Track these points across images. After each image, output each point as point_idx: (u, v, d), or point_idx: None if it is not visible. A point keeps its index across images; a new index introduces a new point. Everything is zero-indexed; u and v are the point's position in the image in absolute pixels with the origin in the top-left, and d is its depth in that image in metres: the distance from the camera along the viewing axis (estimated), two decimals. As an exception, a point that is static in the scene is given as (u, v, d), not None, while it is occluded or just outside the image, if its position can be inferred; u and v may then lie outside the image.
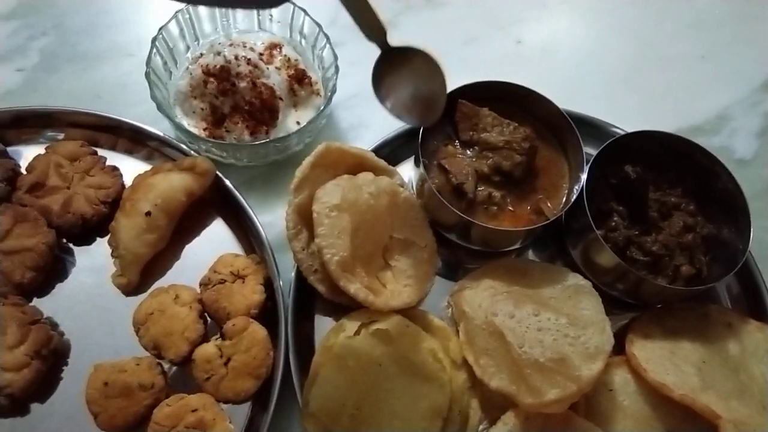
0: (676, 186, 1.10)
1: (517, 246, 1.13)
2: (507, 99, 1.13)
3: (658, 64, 1.43)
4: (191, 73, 1.09)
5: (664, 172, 1.10)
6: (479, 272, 1.06)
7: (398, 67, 0.94)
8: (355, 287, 0.93)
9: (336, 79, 1.11)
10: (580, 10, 1.51)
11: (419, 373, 0.94)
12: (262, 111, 1.07)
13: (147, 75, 1.05)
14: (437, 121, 1.00)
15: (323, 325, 1.02)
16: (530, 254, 1.17)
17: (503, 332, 0.92)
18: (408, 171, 1.15)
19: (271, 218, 1.09)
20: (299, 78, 1.13)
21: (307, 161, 0.99)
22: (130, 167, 1.11)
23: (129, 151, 1.15)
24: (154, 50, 1.08)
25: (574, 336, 0.91)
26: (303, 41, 1.19)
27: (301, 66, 1.15)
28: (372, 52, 1.23)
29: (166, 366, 0.96)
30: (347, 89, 1.26)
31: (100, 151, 1.12)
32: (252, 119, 1.07)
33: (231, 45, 1.10)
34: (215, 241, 1.07)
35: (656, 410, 0.95)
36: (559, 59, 1.42)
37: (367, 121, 1.26)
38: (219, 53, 1.08)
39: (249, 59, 1.07)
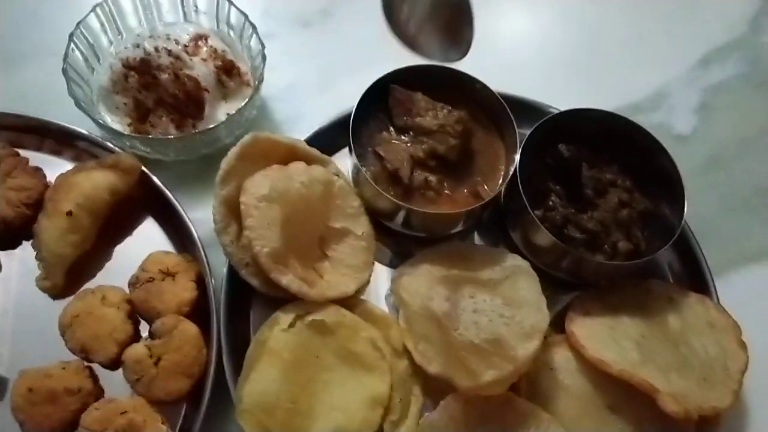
0: (613, 163, 1.09)
1: (458, 230, 1.12)
2: (442, 83, 1.11)
3: (598, 46, 1.43)
4: (111, 68, 1.06)
5: (600, 149, 1.10)
6: (418, 258, 1.04)
7: None
8: (287, 279, 0.91)
9: (263, 68, 1.08)
10: (520, -4, 1.51)
11: (359, 362, 0.93)
12: (187, 104, 1.04)
13: (64, 71, 1.02)
14: (462, 56, 0.91)
15: (261, 320, 0.99)
16: (476, 238, 1.16)
17: (438, 316, 0.91)
18: (348, 159, 1.14)
19: (204, 214, 1.04)
20: (227, 69, 1.11)
21: (233, 152, 0.96)
22: (59, 169, 1.06)
23: (57, 152, 1.11)
24: (72, 46, 1.05)
25: (509, 316, 0.90)
26: (231, 32, 1.16)
27: (229, 57, 1.12)
28: (306, 44, 1.21)
29: (102, 370, 0.94)
30: (282, 80, 1.25)
31: (27, 153, 1.08)
32: (177, 113, 1.04)
33: (151, 37, 1.07)
34: (147, 240, 1.04)
35: (597, 387, 0.94)
36: (500, 45, 1.42)
37: (304, 112, 1.24)
38: (138, 46, 1.05)
39: (170, 50, 1.04)
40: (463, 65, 1.12)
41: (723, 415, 0.93)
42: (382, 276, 1.08)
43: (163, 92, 1.04)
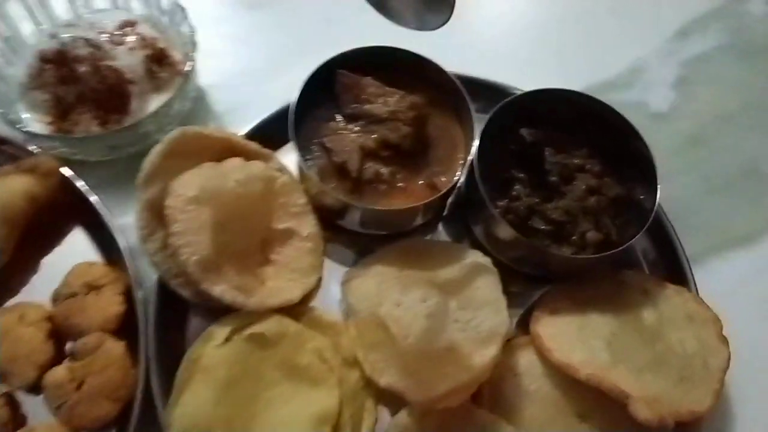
0: (581, 147, 1.01)
1: (418, 224, 1.04)
2: (396, 67, 1.03)
3: (567, 21, 1.34)
4: (28, 62, 0.96)
5: (568, 132, 1.02)
6: (371, 258, 0.97)
7: None
8: (220, 289, 0.83)
9: (194, 55, 0.99)
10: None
11: (304, 376, 0.85)
12: (110, 98, 0.95)
13: (-28, 67, 0.93)
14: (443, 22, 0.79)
15: (199, 335, 0.90)
16: (441, 232, 1.07)
17: (388, 323, 0.83)
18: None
19: (135, 219, 0.97)
20: (158, 58, 1.01)
21: (157, 149, 0.87)
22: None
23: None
24: (-18, 38, 0.95)
25: (465, 320, 0.83)
26: (164, 18, 1.07)
27: (161, 45, 1.03)
28: (252, 27, 1.10)
29: (26, 395, 0.85)
30: (226, 68, 1.17)
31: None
32: (100, 108, 0.95)
33: (69, 26, 0.98)
34: (74, 250, 0.96)
35: (566, 393, 0.87)
36: (460, 22, 1.32)
37: (250, 101, 1.14)
38: (54, 36, 0.95)
39: (88, 40, 0.95)
40: (421, 47, 1.04)
41: (703, 419, 0.85)
42: (339, 279, 0.99)
43: (84, 86, 0.95)
